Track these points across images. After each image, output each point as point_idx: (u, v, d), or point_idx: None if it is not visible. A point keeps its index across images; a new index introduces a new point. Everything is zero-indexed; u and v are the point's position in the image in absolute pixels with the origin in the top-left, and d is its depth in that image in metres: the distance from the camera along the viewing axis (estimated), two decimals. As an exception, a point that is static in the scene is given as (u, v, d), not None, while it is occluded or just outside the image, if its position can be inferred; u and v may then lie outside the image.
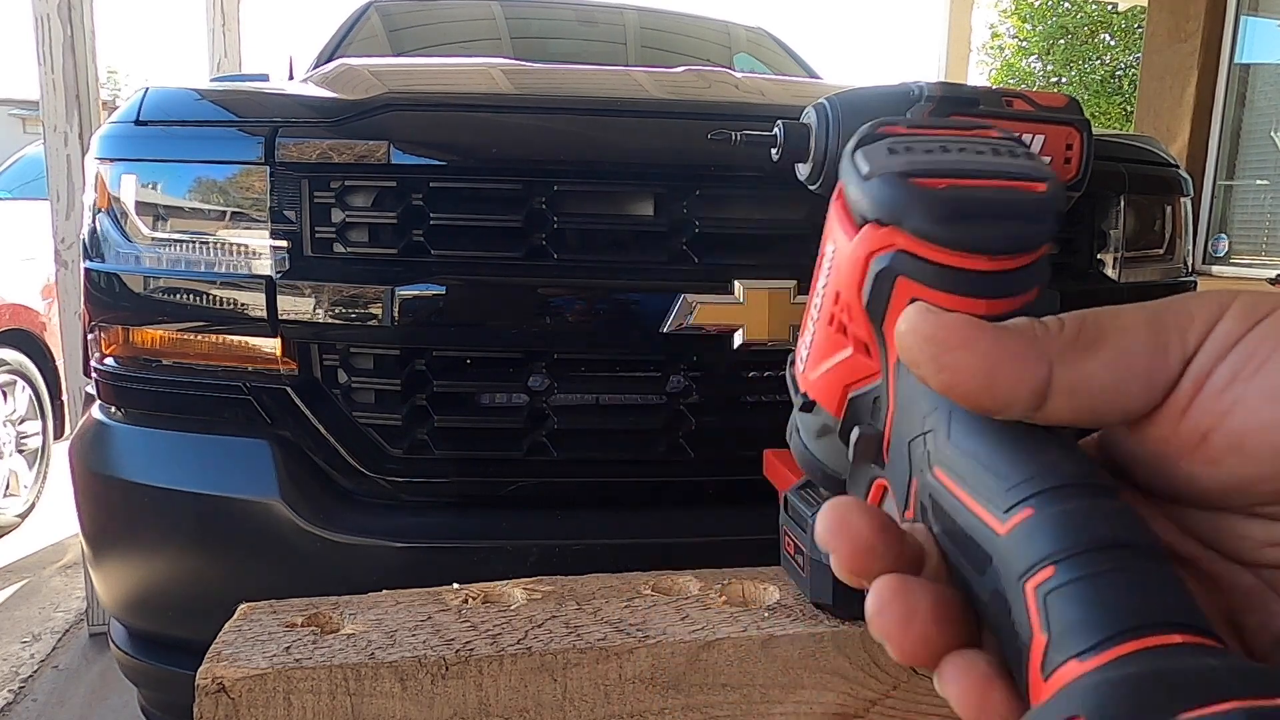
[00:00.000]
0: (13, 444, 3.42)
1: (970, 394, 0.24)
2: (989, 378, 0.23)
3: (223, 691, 0.53)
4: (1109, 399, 0.23)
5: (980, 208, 0.25)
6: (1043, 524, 0.22)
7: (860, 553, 0.24)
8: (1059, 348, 0.24)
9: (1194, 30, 4.07)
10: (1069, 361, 0.23)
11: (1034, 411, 0.24)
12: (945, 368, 0.24)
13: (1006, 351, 0.23)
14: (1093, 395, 0.23)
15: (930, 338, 0.24)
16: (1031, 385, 0.23)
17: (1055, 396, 0.23)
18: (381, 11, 2.68)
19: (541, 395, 1.19)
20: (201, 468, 1.20)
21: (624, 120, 1.25)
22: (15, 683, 2.27)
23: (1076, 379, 0.23)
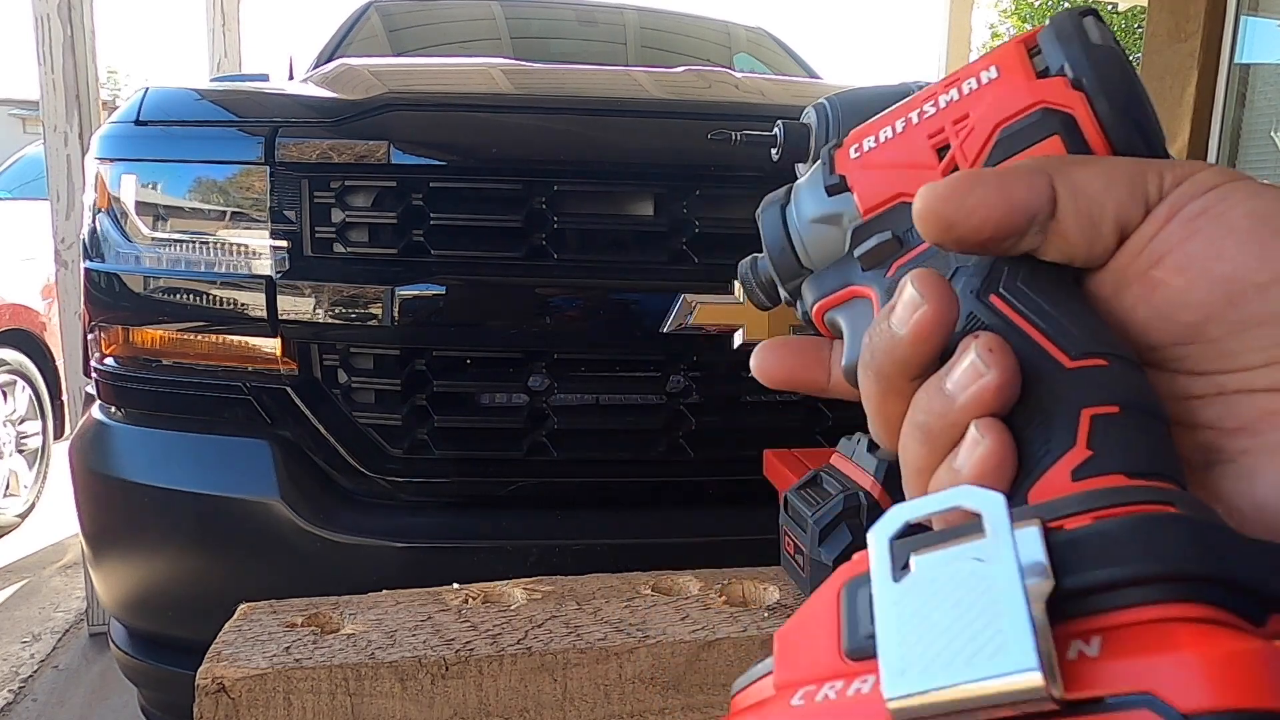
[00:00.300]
0: (13, 444, 3.42)
1: (998, 224, 0.26)
2: (1006, 199, 0.26)
3: (223, 691, 0.53)
4: (1100, 207, 0.26)
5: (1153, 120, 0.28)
6: (1115, 376, 0.24)
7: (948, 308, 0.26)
8: (1056, 163, 0.26)
9: (1194, 30, 4.07)
10: (1066, 172, 0.26)
11: (1050, 220, 0.26)
12: (974, 209, 0.26)
13: (1011, 176, 0.26)
14: (1089, 198, 0.26)
15: (950, 193, 0.26)
16: (1041, 192, 0.26)
17: (1061, 201, 0.26)
18: (381, 11, 2.68)
19: (541, 395, 1.19)
20: (201, 468, 1.20)
21: (624, 120, 1.25)
22: (15, 683, 2.27)
23: (1074, 184, 0.26)
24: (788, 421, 1.24)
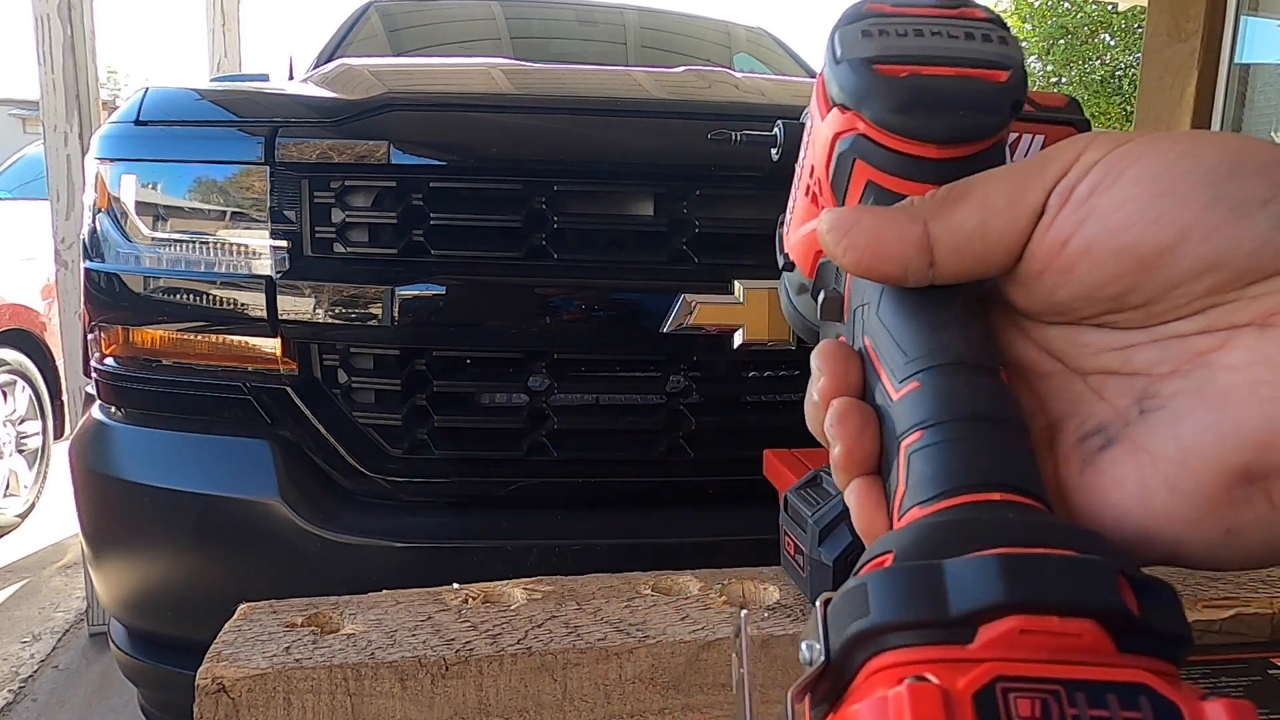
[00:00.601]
0: (13, 444, 3.42)
1: (871, 265, 0.27)
2: (878, 245, 0.26)
3: (223, 691, 0.53)
4: (981, 239, 0.25)
5: (935, 97, 0.27)
6: (924, 396, 0.25)
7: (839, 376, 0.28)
8: (932, 208, 0.26)
9: (1194, 30, 4.07)
10: (940, 216, 0.26)
11: (929, 269, 0.26)
12: (847, 249, 0.27)
13: (888, 221, 0.26)
14: (968, 238, 0.25)
15: (832, 228, 0.27)
16: (914, 243, 0.26)
17: (938, 250, 0.26)
18: (381, 11, 2.68)
19: (541, 395, 1.19)
20: (201, 468, 1.21)
21: (624, 120, 1.25)
22: (15, 683, 2.27)
23: (947, 228, 0.26)
24: (788, 421, 1.24)
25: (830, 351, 0.28)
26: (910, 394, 0.25)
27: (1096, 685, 0.18)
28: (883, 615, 0.20)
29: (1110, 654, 0.19)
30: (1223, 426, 0.23)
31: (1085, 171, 0.25)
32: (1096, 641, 0.19)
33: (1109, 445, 0.25)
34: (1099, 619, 0.19)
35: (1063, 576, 0.19)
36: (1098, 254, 0.24)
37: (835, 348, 0.28)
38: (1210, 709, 0.18)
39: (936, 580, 0.20)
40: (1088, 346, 0.26)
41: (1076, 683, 0.18)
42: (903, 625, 0.20)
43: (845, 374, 0.28)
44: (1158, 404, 0.25)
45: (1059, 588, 0.19)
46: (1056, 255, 0.25)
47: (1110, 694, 0.18)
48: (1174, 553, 0.24)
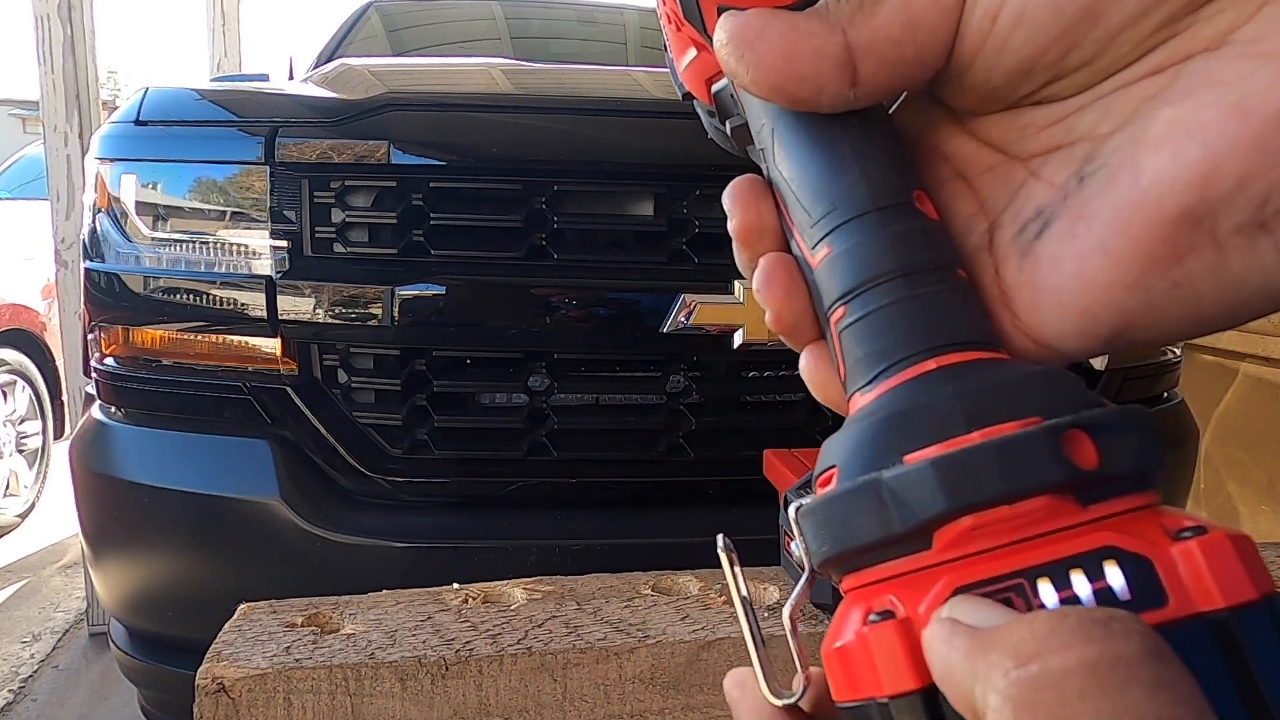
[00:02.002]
0: (13, 444, 3.42)
1: (779, 84, 0.23)
2: (788, 59, 0.22)
3: (223, 691, 0.53)
4: (911, 41, 0.22)
5: None
6: (837, 262, 0.22)
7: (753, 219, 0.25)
8: (849, 12, 0.22)
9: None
10: (860, 22, 0.22)
11: (851, 88, 0.22)
12: (750, 64, 0.23)
13: (800, 30, 0.23)
14: (895, 44, 0.22)
15: (732, 37, 0.23)
16: (833, 56, 0.22)
17: (861, 61, 0.22)
18: (381, 11, 2.68)
19: (541, 395, 1.19)
20: (201, 468, 1.20)
21: (624, 120, 1.25)
22: (15, 683, 2.27)
23: (871, 33, 0.22)
24: (788, 421, 1.24)
25: (743, 190, 0.25)
26: (825, 261, 0.23)
27: (1059, 565, 0.18)
28: (836, 545, 0.20)
29: (1075, 513, 0.18)
30: (1158, 169, 0.20)
31: None
32: (1057, 508, 0.18)
33: (1046, 227, 0.23)
34: (1051, 492, 0.18)
35: (1001, 464, 0.18)
36: (1033, 16, 0.21)
37: (748, 186, 0.25)
38: (1180, 551, 0.17)
39: (877, 500, 0.19)
40: (1028, 128, 0.23)
41: (1038, 569, 0.18)
42: (859, 549, 0.20)
43: (759, 216, 0.25)
44: (1096, 166, 0.22)
45: (998, 479, 0.18)
46: (987, 35, 0.22)
47: (1074, 569, 0.18)
48: (1122, 328, 0.22)
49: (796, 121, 0.24)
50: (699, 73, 0.29)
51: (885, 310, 0.22)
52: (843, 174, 0.23)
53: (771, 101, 0.24)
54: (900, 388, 0.21)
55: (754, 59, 0.23)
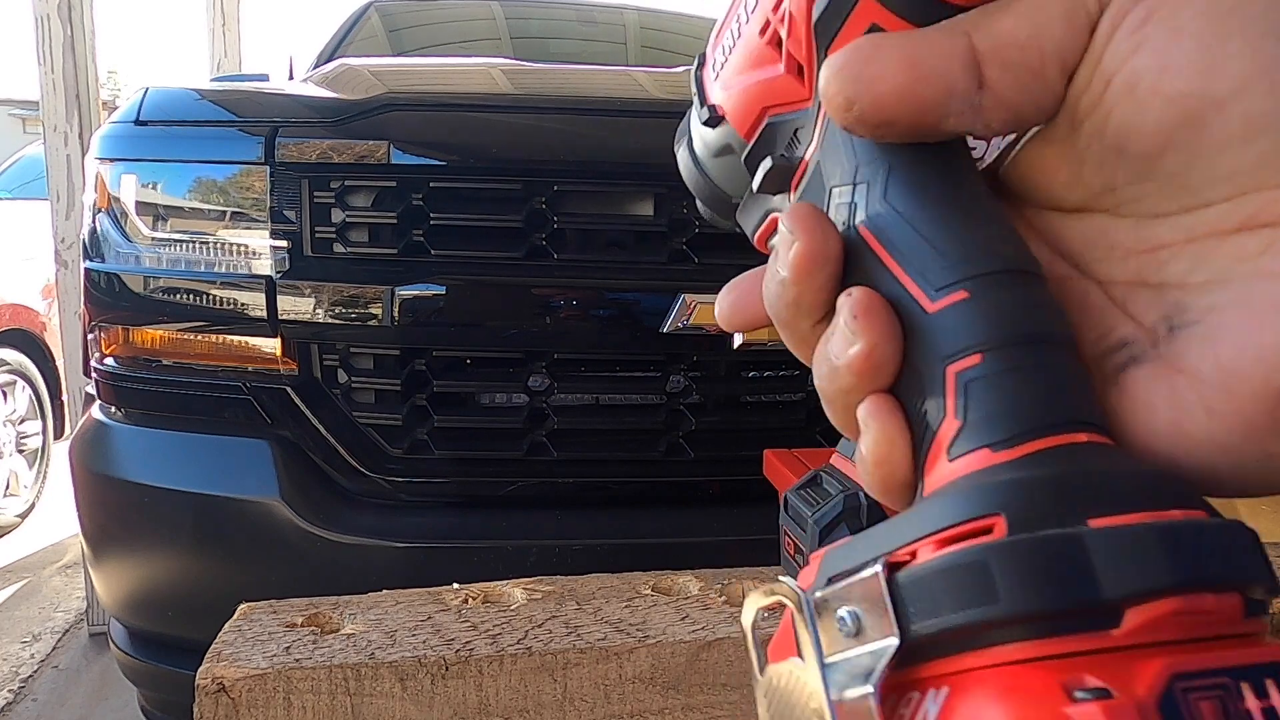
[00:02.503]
0: (13, 444, 3.42)
1: (908, 101, 0.22)
2: (912, 69, 0.22)
3: (223, 691, 0.53)
4: (1037, 50, 0.21)
5: None
6: (976, 310, 0.21)
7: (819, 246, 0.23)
8: (973, 19, 0.22)
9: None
10: (985, 26, 0.22)
11: (977, 93, 0.22)
12: (874, 85, 0.22)
13: (922, 40, 0.22)
14: (1020, 49, 0.21)
15: (846, 66, 0.22)
16: (960, 58, 0.22)
17: (988, 67, 0.22)
18: (381, 11, 2.68)
19: (541, 395, 1.19)
20: (201, 468, 1.20)
21: (624, 120, 1.25)
22: (15, 683, 2.27)
23: (998, 37, 0.21)
24: (788, 421, 1.24)
25: (805, 215, 0.23)
26: (956, 306, 0.21)
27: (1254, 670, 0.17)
28: (1019, 604, 0.17)
29: (1237, 622, 0.17)
30: (1264, 343, 0.20)
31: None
32: (1237, 611, 0.17)
33: (1134, 364, 0.22)
34: (1244, 591, 0.17)
35: (1218, 548, 0.17)
36: (1141, 95, 0.20)
37: (810, 210, 0.23)
38: None
39: (1081, 557, 0.17)
40: (1114, 249, 0.23)
41: (1237, 670, 0.17)
42: (1042, 615, 0.17)
43: (825, 245, 0.23)
44: (1191, 318, 0.21)
45: (1217, 562, 0.17)
46: (1100, 96, 0.21)
47: (1268, 678, 0.17)
48: (1203, 480, 0.21)
49: (919, 157, 0.23)
50: (763, 96, 0.27)
51: (1033, 371, 0.20)
52: (982, 224, 0.22)
53: (887, 132, 0.23)
54: (1052, 451, 0.19)
55: (871, 77, 0.22)
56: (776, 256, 0.24)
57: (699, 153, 0.31)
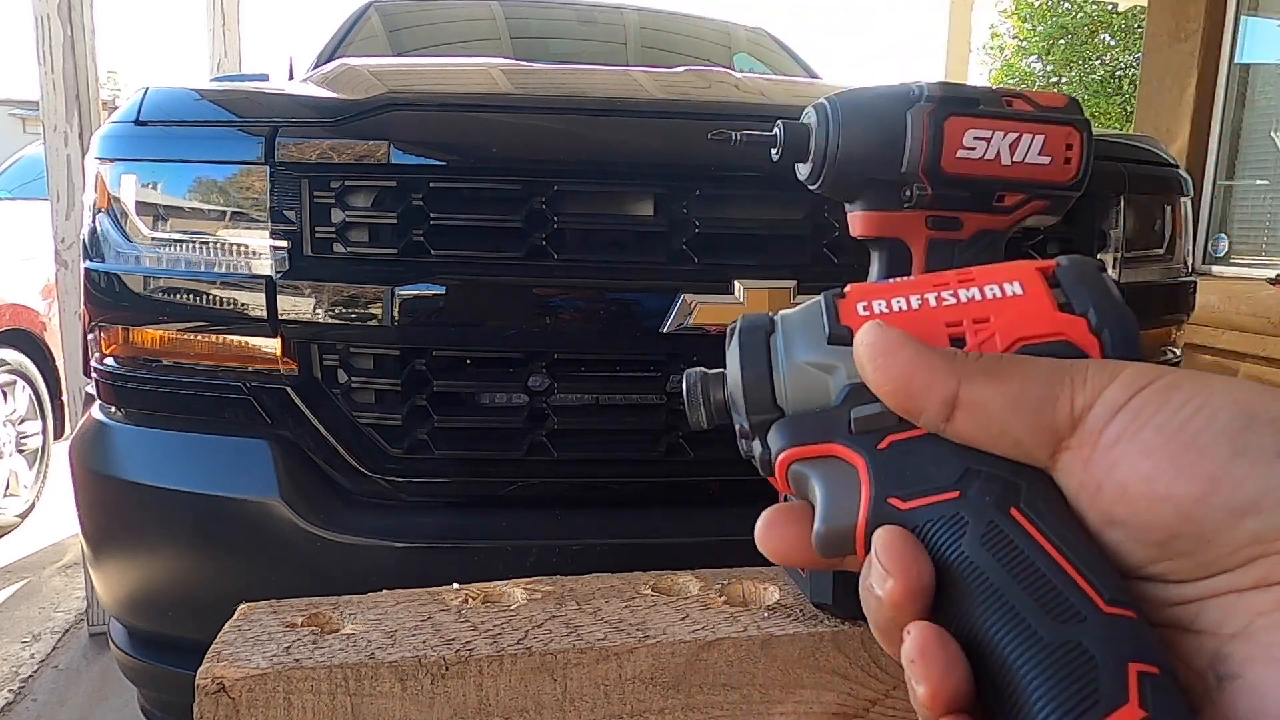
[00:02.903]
0: (13, 444, 3.42)
1: (893, 394, 0.28)
2: (908, 380, 0.28)
3: (223, 691, 0.53)
4: (1001, 425, 0.27)
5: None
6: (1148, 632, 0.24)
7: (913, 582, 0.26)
8: (971, 371, 0.28)
9: (1194, 30, 4.07)
10: (976, 384, 0.27)
11: (944, 422, 0.28)
12: (878, 370, 0.28)
13: (926, 362, 0.28)
14: (989, 418, 0.27)
15: (874, 344, 0.29)
16: (941, 395, 0.28)
17: (960, 410, 0.27)
18: (381, 11, 2.68)
19: (541, 395, 1.19)
20: (201, 468, 1.20)
21: (624, 120, 1.25)
22: (15, 683, 2.27)
23: (978, 399, 0.27)
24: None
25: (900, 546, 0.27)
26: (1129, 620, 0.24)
27: None
28: None
29: None
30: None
31: (1109, 415, 0.26)
32: None
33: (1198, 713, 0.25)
34: None
35: None
36: (1133, 501, 0.25)
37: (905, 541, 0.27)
38: None
39: None
40: (1153, 600, 0.27)
41: None
42: None
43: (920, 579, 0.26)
44: (1233, 671, 0.25)
45: None
46: (1094, 498, 0.26)
47: None
48: None
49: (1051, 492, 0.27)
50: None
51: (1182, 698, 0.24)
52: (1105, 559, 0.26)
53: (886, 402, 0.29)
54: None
55: (883, 365, 0.28)
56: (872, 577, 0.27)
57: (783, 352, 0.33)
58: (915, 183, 0.57)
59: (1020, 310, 0.30)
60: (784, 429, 0.32)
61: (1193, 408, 0.25)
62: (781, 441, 0.32)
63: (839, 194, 0.61)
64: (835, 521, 0.30)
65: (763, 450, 0.33)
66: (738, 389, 0.34)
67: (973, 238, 0.59)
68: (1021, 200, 0.59)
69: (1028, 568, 0.25)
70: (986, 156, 0.57)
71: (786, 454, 0.32)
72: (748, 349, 0.34)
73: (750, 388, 0.33)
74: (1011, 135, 0.58)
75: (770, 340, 0.34)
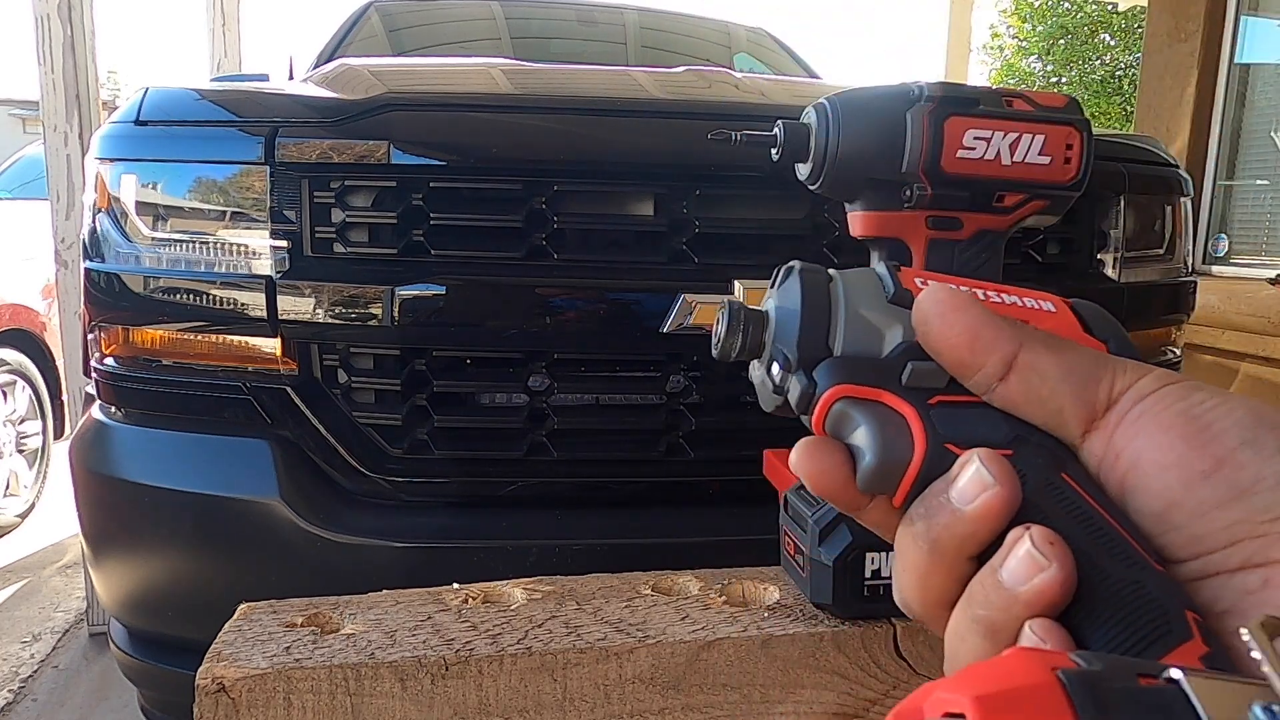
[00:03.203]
0: (13, 444, 3.42)
1: (956, 348, 0.30)
2: (974, 336, 0.30)
3: (223, 691, 0.53)
4: (1051, 390, 0.29)
5: None
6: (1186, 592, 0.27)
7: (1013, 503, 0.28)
8: (1032, 338, 0.30)
9: (1194, 30, 4.07)
10: (1036, 350, 0.30)
11: (998, 381, 0.30)
12: (947, 324, 0.30)
13: (992, 322, 0.30)
14: (1042, 381, 0.29)
15: (941, 301, 0.30)
16: (1003, 353, 0.30)
17: (1015, 372, 0.29)
18: (381, 11, 2.68)
19: (541, 395, 1.19)
20: (201, 468, 1.20)
21: (624, 120, 1.25)
22: (15, 683, 2.27)
23: (1034, 364, 0.29)
24: (788, 421, 1.24)
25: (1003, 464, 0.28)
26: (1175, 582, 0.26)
27: None
28: None
29: None
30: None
31: (1139, 397, 0.29)
32: None
33: None
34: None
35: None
36: (1145, 469, 0.28)
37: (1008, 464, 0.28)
38: None
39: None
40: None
41: None
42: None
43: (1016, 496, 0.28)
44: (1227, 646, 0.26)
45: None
46: (1113, 467, 0.29)
47: None
48: None
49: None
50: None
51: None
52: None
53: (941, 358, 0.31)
54: None
55: (950, 323, 0.30)
56: (956, 490, 0.28)
57: (845, 298, 0.34)
58: (915, 183, 0.57)
59: (1055, 324, 0.33)
60: (836, 366, 0.33)
61: (1212, 403, 0.28)
62: (831, 378, 0.33)
63: (839, 194, 0.61)
64: (889, 458, 0.31)
65: (806, 384, 0.33)
66: (793, 321, 0.34)
67: (973, 238, 0.59)
68: (1021, 200, 0.59)
69: (1087, 518, 0.27)
70: (986, 156, 0.57)
71: (836, 389, 0.32)
72: (810, 286, 0.34)
73: (809, 322, 0.34)
74: (1011, 135, 0.58)
75: (830, 287, 0.35)
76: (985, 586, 0.27)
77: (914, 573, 0.30)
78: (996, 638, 0.27)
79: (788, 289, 0.35)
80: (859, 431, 0.32)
